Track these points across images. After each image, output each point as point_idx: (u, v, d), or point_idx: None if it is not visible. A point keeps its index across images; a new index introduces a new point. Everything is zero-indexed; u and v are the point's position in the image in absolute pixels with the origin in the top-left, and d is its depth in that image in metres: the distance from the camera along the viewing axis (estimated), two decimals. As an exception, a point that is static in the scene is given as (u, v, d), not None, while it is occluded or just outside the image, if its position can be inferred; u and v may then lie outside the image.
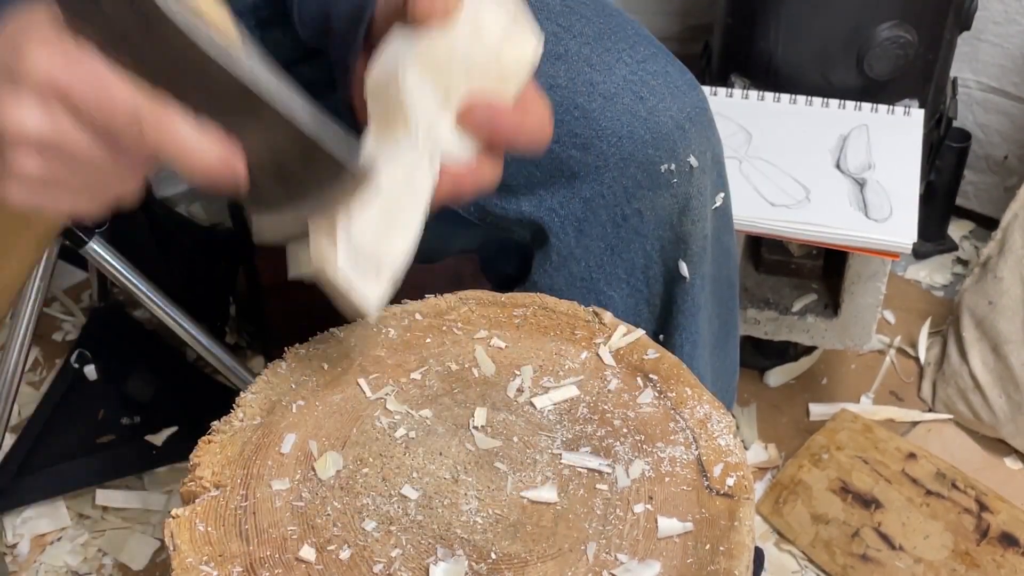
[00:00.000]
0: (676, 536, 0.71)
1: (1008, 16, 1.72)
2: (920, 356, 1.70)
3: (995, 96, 1.81)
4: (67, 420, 1.55)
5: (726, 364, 1.10)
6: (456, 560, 0.69)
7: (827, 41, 1.49)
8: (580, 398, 0.80)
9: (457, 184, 0.71)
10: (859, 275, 1.45)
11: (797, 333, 1.54)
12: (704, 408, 0.79)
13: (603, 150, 0.90)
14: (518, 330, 0.86)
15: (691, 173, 0.94)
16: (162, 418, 1.56)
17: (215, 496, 0.74)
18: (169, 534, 0.72)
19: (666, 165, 0.92)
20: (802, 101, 1.49)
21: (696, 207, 0.96)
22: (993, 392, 1.54)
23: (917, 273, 1.86)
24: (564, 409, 0.80)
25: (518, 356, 0.84)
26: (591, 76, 0.91)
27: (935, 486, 1.48)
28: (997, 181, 1.88)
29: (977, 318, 1.56)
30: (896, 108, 1.48)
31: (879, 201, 1.37)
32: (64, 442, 1.53)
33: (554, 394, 0.80)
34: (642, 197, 0.93)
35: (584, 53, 0.91)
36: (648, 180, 0.93)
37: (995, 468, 1.55)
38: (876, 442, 1.54)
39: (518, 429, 0.78)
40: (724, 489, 0.73)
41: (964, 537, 1.43)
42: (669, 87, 0.93)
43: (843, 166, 1.41)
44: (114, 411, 1.56)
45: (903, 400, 1.65)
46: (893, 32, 1.46)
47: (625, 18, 0.96)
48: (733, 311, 1.10)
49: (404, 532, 0.71)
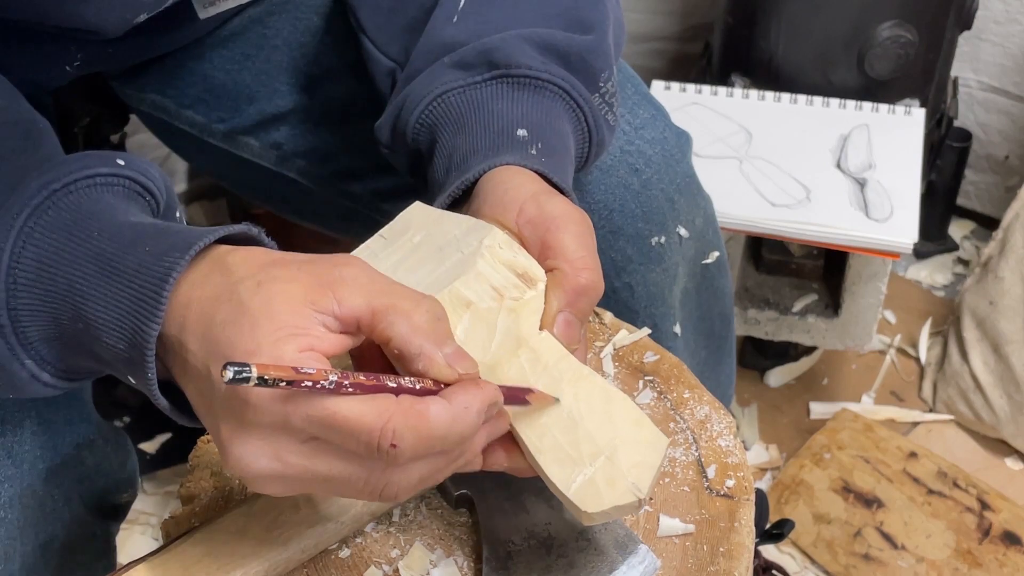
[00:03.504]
0: (676, 537, 0.71)
1: (1009, 15, 1.72)
2: (921, 356, 1.70)
3: (996, 96, 1.81)
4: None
5: (716, 392, 1.11)
6: (456, 561, 0.69)
7: (828, 41, 1.49)
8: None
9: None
10: (860, 275, 1.45)
11: (798, 333, 1.54)
12: (704, 409, 0.79)
13: (593, 223, 0.89)
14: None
15: (681, 244, 0.94)
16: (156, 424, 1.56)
17: (214, 496, 0.74)
18: (167, 535, 0.72)
19: (657, 238, 0.92)
20: (802, 101, 1.49)
21: (685, 274, 0.96)
22: (994, 392, 1.53)
23: (918, 273, 1.86)
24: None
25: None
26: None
27: (937, 485, 1.48)
28: (998, 181, 1.87)
29: (978, 318, 1.56)
30: (897, 108, 1.48)
31: (880, 201, 1.36)
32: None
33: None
34: (633, 271, 0.93)
35: None
36: (639, 254, 0.92)
37: (996, 469, 1.55)
38: (877, 441, 1.54)
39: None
40: (724, 490, 0.73)
41: (966, 536, 1.43)
42: (664, 156, 0.92)
43: (844, 166, 1.41)
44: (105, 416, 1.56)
45: (904, 400, 1.65)
46: (894, 31, 1.46)
47: (626, 74, 0.95)
48: (727, 339, 1.10)
49: (404, 532, 0.71)
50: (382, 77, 0.85)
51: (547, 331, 0.66)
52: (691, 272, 0.99)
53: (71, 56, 0.91)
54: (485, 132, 0.75)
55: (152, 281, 0.58)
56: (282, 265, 0.58)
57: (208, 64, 1.01)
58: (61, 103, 1.03)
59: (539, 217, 0.68)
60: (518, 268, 0.67)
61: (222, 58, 1.00)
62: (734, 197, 1.36)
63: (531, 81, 0.77)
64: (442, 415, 0.56)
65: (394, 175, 0.93)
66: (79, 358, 0.63)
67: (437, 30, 0.80)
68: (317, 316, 0.56)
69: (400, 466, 0.56)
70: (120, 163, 0.64)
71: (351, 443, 0.55)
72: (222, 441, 0.56)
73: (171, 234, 0.60)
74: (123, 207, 0.63)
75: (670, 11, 1.87)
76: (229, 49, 1.00)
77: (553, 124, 0.76)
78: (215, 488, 0.74)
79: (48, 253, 0.61)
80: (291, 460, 0.56)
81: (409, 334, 0.57)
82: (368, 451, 0.55)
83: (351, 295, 0.57)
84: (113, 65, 1.01)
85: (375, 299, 0.57)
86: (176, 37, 0.98)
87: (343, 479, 0.57)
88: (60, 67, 0.92)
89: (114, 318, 0.59)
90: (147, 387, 0.60)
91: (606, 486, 0.61)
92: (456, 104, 0.77)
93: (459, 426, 0.57)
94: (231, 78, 1.00)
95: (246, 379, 0.51)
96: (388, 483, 0.57)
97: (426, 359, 0.57)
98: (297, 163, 1.01)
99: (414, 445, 0.55)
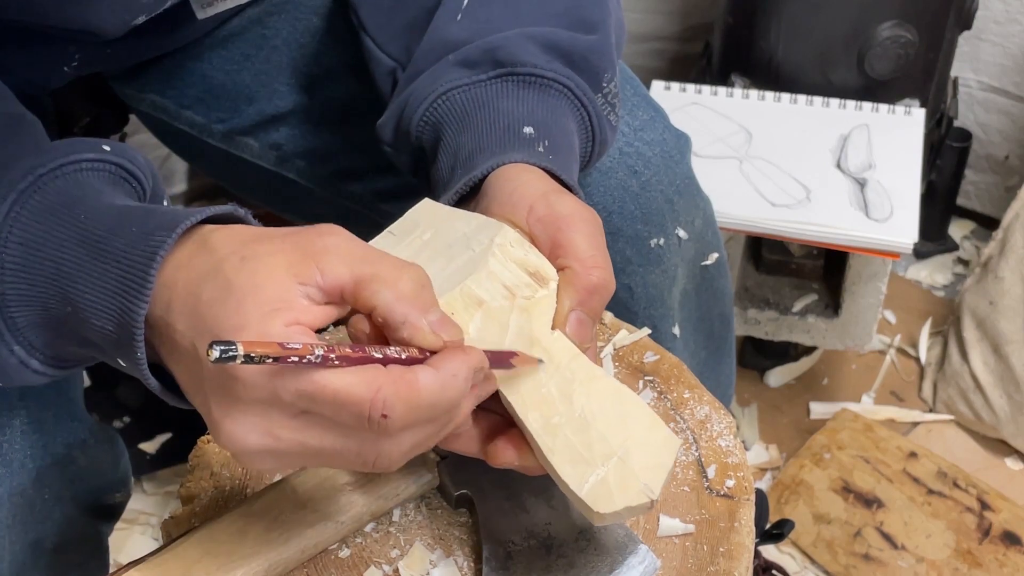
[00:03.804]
0: (676, 537, 0.71)
1: (1009, 15, 1.72)
2: (921, 356, 1.70)
3: (996, 95, 1.80)
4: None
5: (716, 393, 1.11)
6: (456, 561, 0.69)
7: (828, 41, 1.49)
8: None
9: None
10: (860, 275, 1.45)
11: (798, 333, 1.54)
12: (704, 409, 0.79)
13: None
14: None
15: (680, 245, 0.94)
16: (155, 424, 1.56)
17: (214, 496, 0.73)
18: (167, 535, 0.72)
19: (656, 240, 0.92)
20: (802, 101, 1.49)
21: (684, 276, 0.96)
22: (994, 392, 1.53)
23: (918, 273, 1.85)
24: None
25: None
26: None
27: (937, 485, 1.48)
28: (998, 181, 1.87)
29: (978, 318, 1.56)
30: (897, 108, 1.48)
31: (880, 201, 1.36)
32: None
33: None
34: (632, 273, 0.93)
35: None
36: (638, 256, 0.92)
37: (996, 469, 1.55)
38: (877, 441, 1.54)
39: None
40: (724, 490, 0.73)
41: (966, 536, 1.43)
42: (663, 157, 0.92)
43: (843, 166, 1.41)
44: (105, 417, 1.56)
45: (904, 400, 1.65)
46: (894, 31, 1.46)
47: (625, 75, 0.95)
48: (727, 339, 1.10)
49: (404, 532, 0.71)
50: (383, 76, 0.85)
51: (559, 330, 0.66)
52: (690, 273, 0.99)
53: (70, 57, 0.91)
54: (491, 130, 0.75)
55: (139, 261, 0.58)
56: (265, 240, 0.58)
57: (207, 64, 1.01)
58: (60, 103, 1.03)
59: (550, 216, 0.68)
60: (530, 267, 0.67)
61: (221, 58, 1.00)
62: (734, 197, 1.36)
63: (536, 80, 0.77)
64: (431, 383, 0.56)
65: (394, 175, 0.93)
66: (68, 343, 0.63)
67: (441, 28, 0.80)
68: (301, 288, 0.56)
69: (392, 436, 0.56)
70: (105, 149, 0.64)
71: (342, 415, 0.55)
72: (213, 419, 0.56)
73: (157, 215, 0.60)
74: (109, 191, 0.63)
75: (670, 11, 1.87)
76: (228, 49, 1.00)
77: (559, 122, 0.76)
78: (215, 488, 0.74)
79: (34, 237, 0.61)
80: (283, 435, 0.56)
81: (393, 302, 0.57)
82: (359, 423, 0.55)
83: (334, 265, 0.57)
84: (112, 66, 1.01)
85: (358, 268, 0.57)
86: (175, 38, 0.98)
87: (335, 451, 0.57)
88: (59, 68, 0.92)
89: (102, 299, 0.59)
90: (137, 368, 0.60)
91: (618, 487, 0.61)
92: (461, 102, 0.77)
93: (448, 393, 0.57)
94: (230, 78, 1.00)
95: (232, 357, 0.51)
96: (380, 453, 0.57)
97: (411, 327, 0.57)
98: (296, 163, 1.01)
99: (404, 414, 0.55)
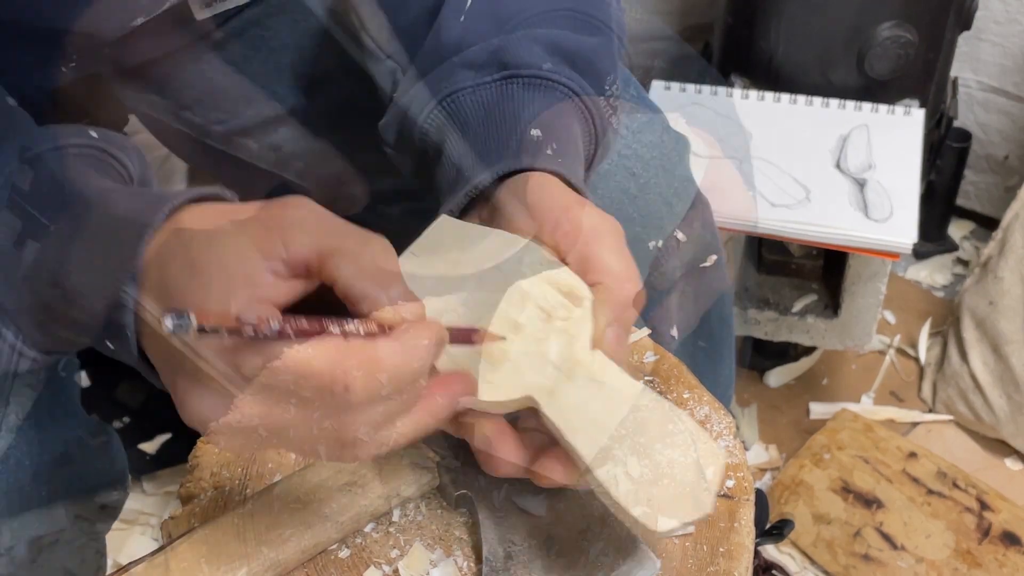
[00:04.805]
0: (675, 537, 0.71)
1: (1009, 15, 1.72)
2: (920, 356, 1.70)
3: (996, 96, 1.81)
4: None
5: (715, 393, 1.11)
6: (456, 561, 0.69)
7: (827, 41, 1.49)
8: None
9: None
10: (859, 275, 1.45)
11: (797, 333, 1.54)
12: (704, 409, 0.79)
13: None
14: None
15: (678, 247, 0.94)
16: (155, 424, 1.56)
17: (214, 496, 0.73)
18: (167, 535, 0.72)
19: (654, 242, 0.92)
20: (802, 101, 1.49)
21: (683, 278, 0.96)
22: (994, 393, 1.53)
23: (917, 273, 1.86)
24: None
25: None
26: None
27: (936, 485, 1.48)
28: (998, 181, 1.87)
29: (978, 318, 1.56)
30: (896, 108, 1.48)
31: (879, 201, 1.36)
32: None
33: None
34: None
35: None
36: (636, 258, 0.92)
37: (996, 469, 1.55)
38: (877, 441, 1.54)
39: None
40: (724, 490, 0.73)
41: (966, 536, 1.43)
42: (661, 160, 0.92)
43: (843, 166, 1.41)
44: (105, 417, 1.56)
45: (903, 400, 1.65)
46: (893, 32, 1.46)
47: (624, 76, 0.95)
48: (726, 341, 1.10)
49: (404, 532, 0.71)
50: (383, 77, 0.85)
51: (599, 350, 0.65)
52: (689, 275, 0.99)
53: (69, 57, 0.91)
54: (498, 132, 0.75)
55: (127, 239, 0.58)
56: (232, 214, 0.58)
57: (206, 65, 1.01)
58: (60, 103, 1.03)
59: (575, 231, 0.68)
60: (563, 286, 0.66)
61: (220, 59, 1.00)
62: (734, 197, 1.36)
63: (542, 82, 0.76)
64: (392, 354, 0.55)
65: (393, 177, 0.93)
66: (57, 327, 0.63)
67: (445, 29, 0.80)
68: (266, 263, 0.56)
69: (355, 408, 0.56)
70: (93, 135, 0.65)
71: (303, 388, 0.55)
72: (179, 396, 0.57)
73: (144, 194, 0.61)
74: (95, 175, 0.63)
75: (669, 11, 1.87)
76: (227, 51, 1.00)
77: (565, 125, 0.76)
78: (215, 488, 0.74)
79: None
80: (246, 410, 0.55)
81: (355, 276, 0.57)
82: (321, 395, 0.55)
83: (298, 238, 0.56)
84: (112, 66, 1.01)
85: (322, 241, 0.57)
86: (174, 39, 0.98)
87: (301, 427, 0.56)
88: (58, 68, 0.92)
89: (90, 280, 0.59)
90: (126, 349, 0.60)
91: (670, 504, 0.61)
92: (467, 104, 0.77)
93: (411, 363, 0.56)
94: (229, 80, 1.00)
95: (185, 328, 0.51)
96: (343, 428, 0.56)
97: (371, 302, 0.57)
98: (296, 165, 1.01)
99: (366, 385, 0.55)
